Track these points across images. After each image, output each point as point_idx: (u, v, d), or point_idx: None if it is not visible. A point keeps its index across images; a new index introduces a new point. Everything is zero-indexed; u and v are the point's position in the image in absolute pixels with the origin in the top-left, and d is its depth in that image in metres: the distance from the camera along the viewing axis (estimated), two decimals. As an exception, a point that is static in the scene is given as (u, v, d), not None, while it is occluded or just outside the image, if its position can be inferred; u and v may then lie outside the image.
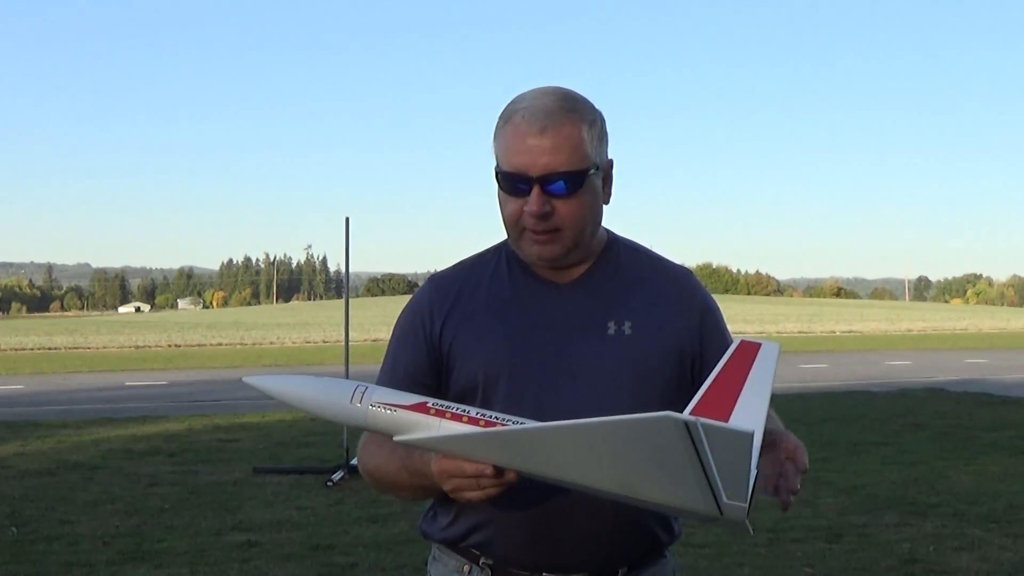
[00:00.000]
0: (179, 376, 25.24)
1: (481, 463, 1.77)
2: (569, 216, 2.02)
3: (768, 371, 1.71)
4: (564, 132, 1.99)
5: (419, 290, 2.24)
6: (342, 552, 7.10)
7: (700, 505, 1.67)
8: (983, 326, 61.67)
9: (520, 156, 1.99)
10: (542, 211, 1.99)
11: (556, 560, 2.06)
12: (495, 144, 2.07)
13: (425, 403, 1.84)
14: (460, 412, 1.82)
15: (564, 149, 1.98)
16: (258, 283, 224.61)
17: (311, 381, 1.90)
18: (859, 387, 20.14)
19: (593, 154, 2.03)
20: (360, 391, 1.86)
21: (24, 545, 7.32)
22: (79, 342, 44.11)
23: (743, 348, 1.73)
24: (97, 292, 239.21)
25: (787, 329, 54.82)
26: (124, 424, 14.28)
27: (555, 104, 2.01)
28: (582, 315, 2.10)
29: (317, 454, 11.13)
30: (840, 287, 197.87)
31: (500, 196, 2.08)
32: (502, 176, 2.04)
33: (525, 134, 1.99)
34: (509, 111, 2.05)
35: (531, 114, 2.00)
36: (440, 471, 1.83)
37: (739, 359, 1.73)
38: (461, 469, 1.78)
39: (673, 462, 1.62)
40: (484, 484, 1.79)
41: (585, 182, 2.01)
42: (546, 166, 1.98)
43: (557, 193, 1.99)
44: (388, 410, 1.84)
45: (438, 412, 1.82)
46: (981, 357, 31.29)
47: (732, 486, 1.64)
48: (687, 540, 6.84)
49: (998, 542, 7.30)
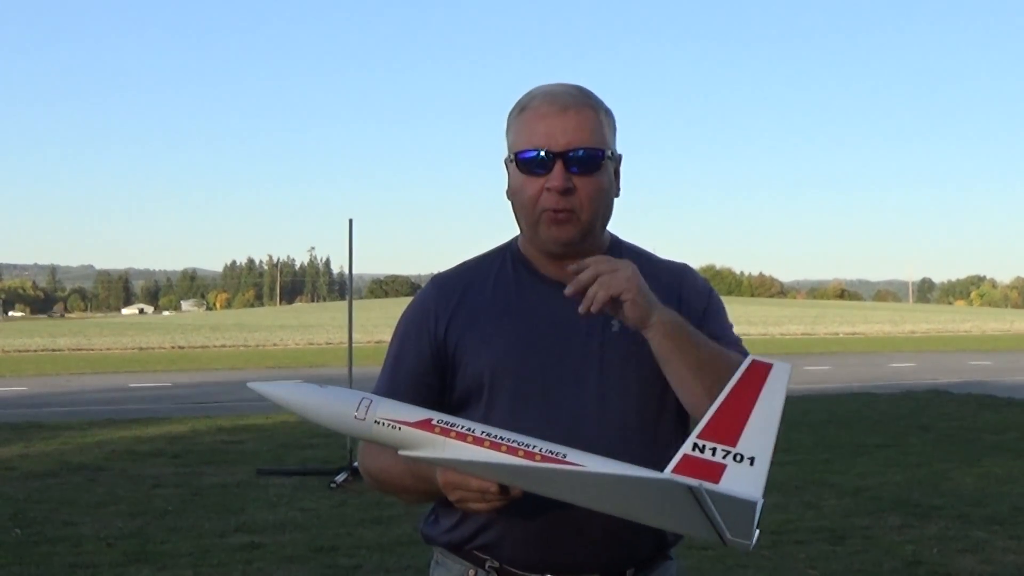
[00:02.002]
0: (182, 378, 25.25)
1: (487, 481, 1.79)
2: (587, 196, 2.04)
3: (779, 393, 1.69)
4: (584, 114, 2.05)
5: (422, 290, 2.24)
6: (345, 554, 7.10)
7: (703, 535, 1.72)
8: (987, 328, 61.53)
9: (541, 135, 2.03)
10: (565, 185, 2.01)
11: (563, 561, 2.06)
12: (509, 134, 2.10)
13: (430, 420, 1.83)
14: (465, 431, 1.81)
15: (585, 128, 2.03)
16: (261, 285, 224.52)
17: (316, 391, 1.89)
18: (862, 389, 20.12)
19: (609, 140, 2.08)
20: (365, 404, 1.85)
21: (28, 547, 7.32)
22: (82, 344, 44.14)
23: (754, 368, 1.70)
24: (101, 294, 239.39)
25: (790, 331, 54.73)
26: (128, 426, 14.29)
27: (573, 90, 2.08)
28: (586, 314, 2.10)
29: (320, 456, 11.14)
30: (843, 289, 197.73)
31: (516, 183, 2.09)
32: (521, 158, 2.05)
33: (546, 114, 2.03)
34: (524, 101, 2.09)
35: (552, 97, 2.05)
36: (446, 483, 1.85)
37: (750, 379, 1.70)
38: (467, 483, 1.81)
39: (679, 511, 1.68)
40: (489, 499, 1.81)
41: (604, 163, 2.05)
42: (568, 143, 2.02)
43: (577, 171, 2.02)
44: (393, 427, 1.84)
45: (443, 430, 1.82)
46: (985, 359, 31.25)
47: (737, 530, 1.67)
48: (690, 543, 6.79)
49: (1002, 544, 7.29)
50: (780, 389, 1.69)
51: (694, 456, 1.69)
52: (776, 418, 1.69)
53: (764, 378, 1.70)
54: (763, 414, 1.68)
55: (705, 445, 1.69)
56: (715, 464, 1.67)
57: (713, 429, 1.69)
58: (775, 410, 1.69)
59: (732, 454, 1.67)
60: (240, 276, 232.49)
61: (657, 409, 2.08)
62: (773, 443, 1.68)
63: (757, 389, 1.69)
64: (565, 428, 1.97)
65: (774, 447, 1.68)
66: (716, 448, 1.68)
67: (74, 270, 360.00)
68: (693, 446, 1.69)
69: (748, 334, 49.06)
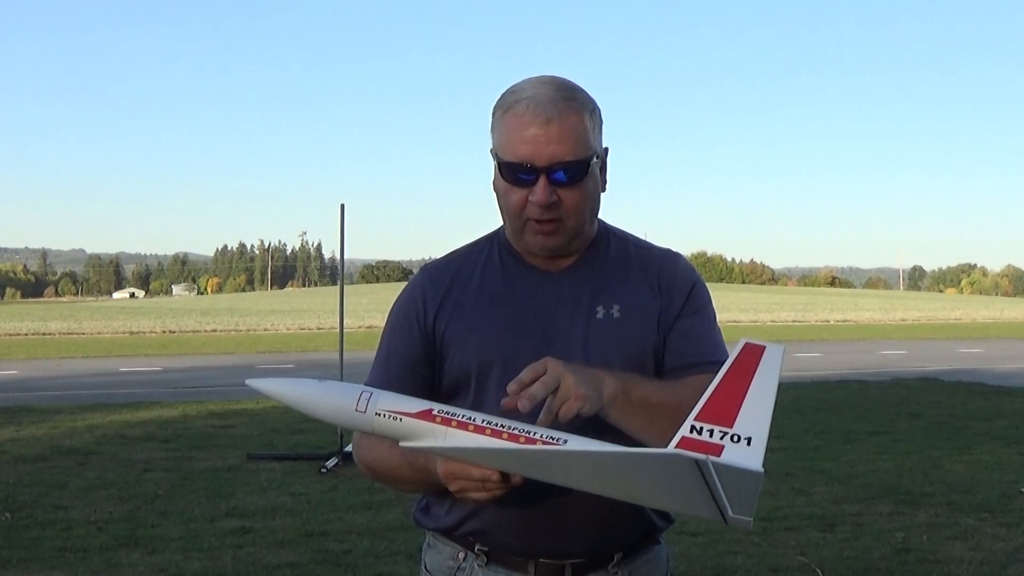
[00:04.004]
0: (173, 362, 25.23)
1: (488, 469, 1.79)
2: (573, 206, 2.02)
3: (773, 374, 1.70)
4: (569, 122, 1.99)
5: (412, 280, 2.24)
6: (336, 538, 7.09)
7: (704, 515, 1.72)
8: (977, 316, 61.78)
9: (525, 146, 1.98)
10: (549, 200, 1.99)
11: (551, 546, 2.07)
12: (494, 133, 2.07)
13: (431, 410, 1.83)
14: (466, 420, 1.81)
15: (569, 139, 1.98)
16: (253, 269, 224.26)
17: (315, 385, 1.89)
18: (853, 376, 20.17)
19: (594, 143, 2.04)
20: (365, 397, 1.85)
21: (18, 530, 7.31)
22: (73, 328, 44.08)
23: (748, 351, 1.72)
24: (92, 278, 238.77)
25: (781, 318, 54.88)
26: (118, 410, 14.27)
27: (557, 94, 2.00)
28: (572, 301, 2.11)
29: (311, 441, 11.13)
30: (834, 276, 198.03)
31: (501, 187, 2.06)
32: (505, 167, 2.02)
33: (529, 124, 1.98)
34: (508, 101, 2.04)
35: (535, 104, 1.99)
36: (446, 473, 1.84)
37: (744, 361, 1.71)
38: (468, 473, 1.81)
39: (683, 488, 1.68)
40: (490, 487, 1.81)
41: (588, 171, 2.02)
42: (552, 156, 1.98)
43: (562, 183, 1.99)
44: (394, 418, 1.83)
45: (444, 420, 1.82)
46: (975, 347, 31.36)
47: (739, 505, 1.68)
48: (681, 528, 6.85)
49: (991, 531, 7.31)
50: (774, 371, 1.71)
51: (692, 438, 1.70)
52: (771, 399, 1.70)
53: (758, 360, 1.71)
54: (758, 395, 1.70)
55: (703, 427, 1.70)
56: (713, 445, 1.68)
57: (710, 411, 1.71)
58: (770, 391, 1.70)
59: (729, 435, 1.68)
60: (231, 261, 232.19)
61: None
62: (769, 423, 1.70)
63: (751, 371, 1.71)
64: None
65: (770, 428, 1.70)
66: (714, 430, 1.69)
67: (65, 254, 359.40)
68: (691, 428, 1.70)
69: (739, 321, 49.25)
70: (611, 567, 2.11)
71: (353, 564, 6.51)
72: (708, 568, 6.37)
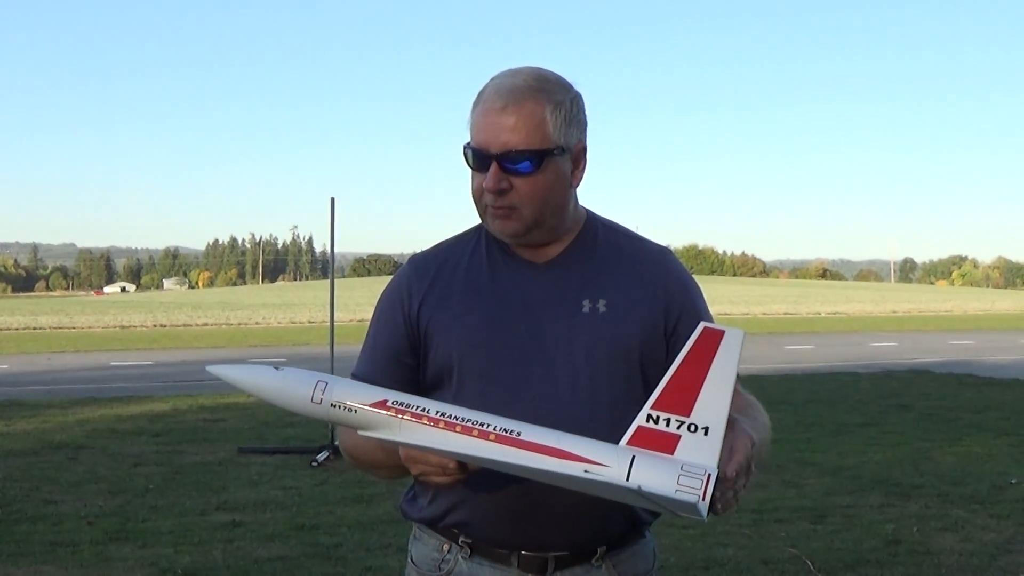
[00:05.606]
0: (164, 356, 25.17)
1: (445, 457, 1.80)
2: (526, 195, 2.02)
3: (732, 359, 1.67)
4: (526, 111, 1.99)
5: (399, 271, 2.25)
6: (327, 532, 7.09)
7: (662, 510, 1.74)
8: (968, 308, 61.87)
9: (483, 132, 2.01)
10: (498, 187, 2.01)
11: (534, 539, 2.07)
12: (469, 120, 2.08)
13: (385, 401, 1.82)
14: (419, 412, 1.79)
15: (524, 128, 1.98)
16: (244, 263, 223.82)
17: (272, 373, 1.87)
18: (844, 368, 20.20)
19: (557, 135, 2.01)
20: (320, 388, 1.83)
21: (8, 525, 7.29)
22: (64, 322, 43.96)
23: (706, 335, 1.68)
24: (83, 272, 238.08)
25: (773, 310, 54.93)
26: (109, 404, 14.24)
27: (523, 83, 2.01)
28: (557, 293, 2.10)
29: (302, 434, 11.11)
30: (826, 269, 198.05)
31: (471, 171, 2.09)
32: (466, 151, 2.05)
33: (489, 111, 2.01)
34: (481, 91, 2.06)
35: (496, 92, 2.01)
36: (407, 457, 1.86)
37: (702, 347, 1.68)
38: (426, 459, 1.83)
39: (626, 496, 1.69)
40: (449, 472, 1.82)
41: (545, 162, 2.00)
42: (505, 143, 1.98)
43: (515, 171, 2.00)
44: (349, 409, 1.82)
45: (398, 411, 1.80)
46: (966, 339, 31.41)
47: (685, 511, 1.68)
48: (671, 521, 6.80)
49: (981, 523, 7.33)
50: (733, 356, 1.67)
51: (648, 427, 1.68)
52: (730, 386, 1.67)
53: (716, 346, 1.68)
54: (716, 383, 1.67)
55: (659, 416, 1.68)
56: (669, 435, 1.66)
57: (666, 399, 1.68)
58: (728, 378, 1.67)
59: (686, 424, 1.66)
60: (222, 254, 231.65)
61: (626, 388, 2.07)
62: (727, 412, 1.67)
63: (709, 357, 1.68)
64: (533, 406, 1.98)
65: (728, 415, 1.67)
66: (670, 419, 1.67)
67: (56, 248, 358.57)
68: (647, 417, 1.69)
69: (730, 313, 49.25)
70: (595, 560, 2.11)
71: (343, 557, 6.51)
72: (699, 560, 6.38)
